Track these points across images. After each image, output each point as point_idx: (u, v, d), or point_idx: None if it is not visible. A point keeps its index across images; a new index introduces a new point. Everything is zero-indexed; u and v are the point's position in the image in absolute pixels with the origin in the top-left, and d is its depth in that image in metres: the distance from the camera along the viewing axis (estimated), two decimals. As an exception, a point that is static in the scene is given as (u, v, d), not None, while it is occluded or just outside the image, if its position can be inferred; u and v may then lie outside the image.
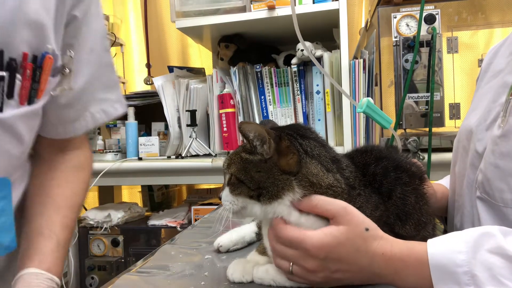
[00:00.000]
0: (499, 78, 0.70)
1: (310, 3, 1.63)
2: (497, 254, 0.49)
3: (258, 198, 0.57)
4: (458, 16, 1.49)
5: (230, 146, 1.77)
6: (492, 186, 0.62)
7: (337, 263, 0.55)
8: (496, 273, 0.48)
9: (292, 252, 0.56)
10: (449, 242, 0.53)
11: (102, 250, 1.85)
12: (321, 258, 0.54)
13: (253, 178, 0.57)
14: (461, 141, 0.78)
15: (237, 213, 0.59)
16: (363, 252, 0.54)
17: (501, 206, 0.61)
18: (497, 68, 0.74)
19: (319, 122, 1.71)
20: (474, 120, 0.72)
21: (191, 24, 1.75)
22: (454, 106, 1.47)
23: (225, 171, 0.62)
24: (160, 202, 2.39)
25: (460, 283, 0.49)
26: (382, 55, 1.52)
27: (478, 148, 0.68)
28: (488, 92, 0.72)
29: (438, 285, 0.51)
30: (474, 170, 0.69)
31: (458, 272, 0.49)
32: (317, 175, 0.57)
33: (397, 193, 0.61)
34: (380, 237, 0.55)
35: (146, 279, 0.68)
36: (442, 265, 0.51)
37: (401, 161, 0.65)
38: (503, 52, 0.76)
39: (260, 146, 0.58)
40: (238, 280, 0.64)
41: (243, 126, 0.58)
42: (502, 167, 0.60)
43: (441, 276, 0.50)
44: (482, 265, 0.49)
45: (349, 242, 0.54)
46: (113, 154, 1.92)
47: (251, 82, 1.77)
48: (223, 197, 0.60)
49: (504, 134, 0.61)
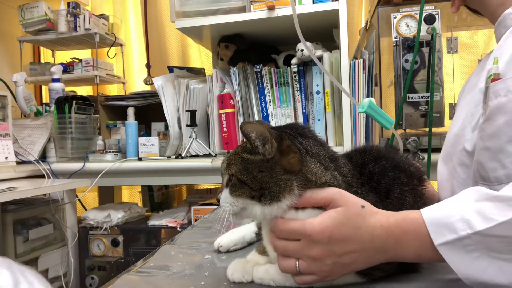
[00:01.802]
0: (475, 88, 0.74)
1: (310, 3, 1.63)
2: (485, 199, 0.52)
3: (260, 199, 0.57)
4: (458, 16, 1.49)
5: (230, 146, 1.77)
6: (486, 169, 0.65)
7: (341, 244, 0.55)
8: (487, 213, 0.51)
9: (295, 245, 0.57)
10: (440, 204, 0.56)
11: (102, 250, 1.85)
12: (325, 241, 0.55)
13: (256, 179, 0.57)
14: (446, 150, 0.82)
15: (237, 214, 0.59)
16: (363, 228, 0.56)
17: (496, 185, 0.63)
18: (472, 85, 0.80)
19: (319, 122, 1.71)
20: (457, 128, 0.77)
21: (191, 24, 1.75)
22: (454, 106, 1.47)
23: (223, 172, 0.62)
24: (160, 202, 2.39)
25: (456, 230, 0.51)
26: (382, 55, 1.52)
27: (468, 147, 0.71)
28: (466, 104, 0.77)
29: (437, 239, 0.53)
30: (465, 169, 0.72)
31: (453, 221, 0.52)
32: (316, 173, 0.57)
33: (395, 193, 0.61)
34: (375, 212, 0.57)
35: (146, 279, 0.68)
36: (436, 219, 0.53)
37: (399, 161, 0.65)
38: (475, 73, 0.83)
39: (262, 146, 0.57)
40: (238, 280, 0.64)
41: (245, 126, 0.58)
42: (491, 147, 0.63)
43: (438, 230, 0.53)
44: (474, 211, 0.52)
45: (349, 221, 0.55)
46: (113, 154, 1.92)
47: (251, 82, 1.77)
48: (222, 198, 0.60)
49: (488, 117, 0.64)
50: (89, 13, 2.21)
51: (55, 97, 2.01)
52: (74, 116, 1.92)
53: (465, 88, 0.87)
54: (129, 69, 2.65)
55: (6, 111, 1.84)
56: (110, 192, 2.48)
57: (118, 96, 2.31)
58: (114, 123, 2.20)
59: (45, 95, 2.62)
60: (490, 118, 0.64)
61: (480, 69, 0.79)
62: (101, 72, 2.24)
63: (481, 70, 0.76)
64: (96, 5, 2.66)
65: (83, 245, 1.87)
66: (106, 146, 2.06)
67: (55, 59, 2.49)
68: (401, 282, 0.60)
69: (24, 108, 2.09)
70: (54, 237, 1.82)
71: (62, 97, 1.96)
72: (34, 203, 1.77)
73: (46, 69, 2.27)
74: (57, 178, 1.84)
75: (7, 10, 2.32)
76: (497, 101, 0.63)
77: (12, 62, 2.33)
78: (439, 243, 0.52)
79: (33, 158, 1.86)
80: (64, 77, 2.20)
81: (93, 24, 2.18)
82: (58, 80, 2.12)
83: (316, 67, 1.69)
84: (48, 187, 1.61)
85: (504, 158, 0.61)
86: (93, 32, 2.16)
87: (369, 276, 0.60)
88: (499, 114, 0.62)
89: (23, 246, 1.67)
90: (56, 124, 1.93)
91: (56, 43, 2.33)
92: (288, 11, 1.63)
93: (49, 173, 1.81)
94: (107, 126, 2.22)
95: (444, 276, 0.61)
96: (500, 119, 0.62)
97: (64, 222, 1.82)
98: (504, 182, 0.61)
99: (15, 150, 1.85)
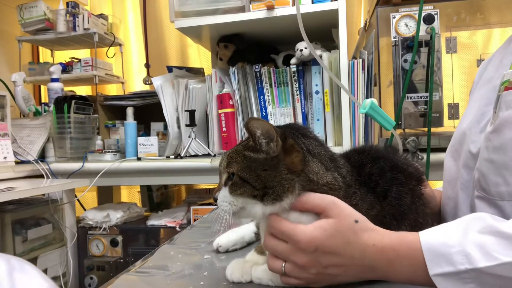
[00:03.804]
0: (490, 84, 0.71)
1: (309, 3, 1.63)
2: (488, 233, 0.50)
3: (262, 198, 0.56)
4: (457, 16, 1.49)
5: (229, 146, 1.77)
6: (487, 181, 0.63)
7: (328, 256, 0.55)
8: (489, 250, 0.48)
9: (283, 247, 0.56)
10: (441, 229, 0.54)
11: (101, 250, 1.85)
12: (311, 251, 0.54)
13: (259, 177, 0.56)
14: (454, 145, 0.79)
15: (235, 214, 0.58)
16: (354, 244, 0.54)
17: (497, 200, 0.61)
18: (488, 77, 0.76)
19: (318, 122, 1.71)
20: (466, 123, 0.73)
21: (190, 24, 1.75)
22: (453, 106, 1.47)
23: (222, 170, 0.60)
24: (159, 202, 2.39)
25: (454, 263, 0.49)
26: (381, 55, 1.52)
27: (472, 149, 0.68)
28: (480, 98, 0.74)
29: (433, 269, 0.51)
30: (468, 171, 0.70)
31: (451, 253, 0.50)
32: (317, 173, 0.57)
33: (392, 193, 0.61)
34: (370, 229, 0.56)
35: (145, 279, 0.68)
36: (435, 248, 0.51)
37: (398, 162, 0.65)
38: (493, 63, 0.78)
39: (266, 144, 0.57)
40: (237, 280, 0.64)
41: (251, 122, 0.56)
42: (496, 161, 0.61)
43: (435, 259, 0.51)
44: (474, 244, 0.49)
45: (339, 234, 0.54)
46: (112, 154, 1.92)
47: (250, 82, 1.77)
48: (220, 197, 0.59)
49: (496, 128, 0.62)
50: (88, 13, 2.21)
51: (54, 97, 2.01)
52: (73, 116, 1.92)
53: (482, 77, 0.80)
54: (128, 69, 2.65)
55: (5, 111, 1.84)
56: (109, 192, 2.48)
57: (117, 96, 2.31)
58: (113, 123, 2.20)
59: (44, 95, 2.62)
60: (498, 130, 0.61)
61: (499, 60, 0.74)
62: (100, 72, 2.24)
63: (499, 62, 0.73)
64: (95, 5, 2.65)
65: (82, 245, 1.86)
66: (105, 146, 2.06)
67: (54, 59, 2.48)
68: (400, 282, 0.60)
69: (23, 108, 2.09)
70: (53, 237, 1.82)
71: (61, 97, 1.96)
72: (33, 203, 1.77)
73: (45, 68, 2.27)
74: (56, 178, 1.84)
75: (6, 10, 2.31)
76: (507, 113, 0.60)
77: (11, 62, 2.33)
78: (435, 273, 0.50)
79: (32, 158, 1.86)
80: (63, 77, 2.20)
81: (92, 23, 2.18)
82: (57, 80, 2.12)
83: (316, 67, 1.70)
84: (47, 187, 1.61)
85: (508, 175, 0.59)
86: (92, 32, 2.16)
87: None
88: (508, 127, 0.60)
89: (22, 246, 1.67)
90: (55, 124, 1.93)
91: (55, 43, 2.33)
92: (287, 11, 1.63)
93: (48, 173, 1.81)
94: (106, 126, 2.22)
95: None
96: (508, 133, 0.60)
97: (63, 222, 1.82)
98: (506, 199, 0.60)
99: (14, 150, 1.85)
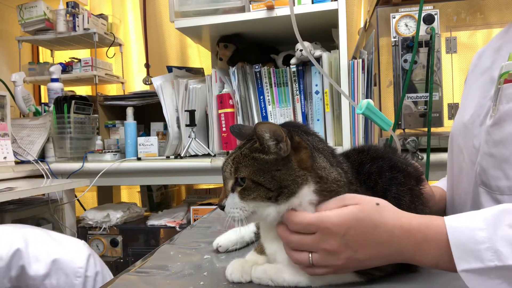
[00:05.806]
0: (487, 75, 0.70)
1: (309, 3, 1.63)
2: None
3: (276, 199, 0.56)
4: (456, 16, 1.49)
5: (229, 146, 1.77)
6: (488, 175, 0.63)
7: (359, 238, 0.54)
8: None
9: (310, 238, 0.55)
10: (467, 219, 0.52)
11: (101, 250, 1.85)
12: (342, 234, 0.53)
13: (274, 178, 0.55)
14: (455, 139, 0.78)
15: (247, 219, 0.57)
16: (381, 227, 0.54)
17: (497, 194, 0.61)
18: (484, 67, 0.75)
19: (318, 122, 1.71)
20: (467, 117, 0.73)
21: (190, 24, 1.75)
22: (453, 106, 1.47)
23: (229, 176, 0.59)
24: (159, 202, 2.39)
25: (483, 260, 0.48)
26: (381, 55, 1.52)
27: (476, 143, 0.68)
28: (478, 90, 0.73)
29: (460, 264, 0.49)
30: (473, 166, 0.69)
31: (480, 249, 0.48)
32: (325, 168, 0.58)
33: (392, 193, 0.61)
34: (392, 208, 0.56)
35: (145, 279, 0.68)
36: (462, 243, 0.50)
37: (397, 161, 0.65)
38: (487, 53, 0.76)
39: (275, 145, 0.56)
40: (237, 280, 0.63)
41: (260, 127, 0.56)
42: (496, 155, 0.61)
43: (463, 255, 0.49)
44: (504, 240, 0.47)
45: (367, 217, 0.54)
46: (112, 154, 1.92)
47: (250, 82, 1.77)
48: (229, 204, 0.58)
49: (496, 122, 0.61)
50: (88, 13, 2.21)
51: (54, 97, 2.01)
52: (73, 116, 1.92)
53: (477, 67, 0.79)
54: (128, 69, 2.65)
55: (4, 111, 1.84)
56: (109, 192, 2.48)
57: (117, 96, 2.31)
58: (113, 123, 2.20)
59: (44, 95, 2.62)
60: (498, 124, 0.61)
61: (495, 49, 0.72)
62: (100, 72, 2.24)
63: (496, 52, 0.71)
64: (95, 5, 2.65)
65: (82, 245, 1.86)
66: (105, 146, 2.06)
67: (54, 59, 2.48)
68: (400, 282, 0.60)
69: (23, 108, 2.09)
70: (53, 237, 1.82)
71: (61, 97, 1.96)
72: (33, 203, 1.77)
73: (45, 68, 2.27)
74: (56, 178, 1.84)
75: (6, 10, 2.31)
76: (508, 106, 0.59)
77: (11, 62, 2.33)
78: (462, 269, 0.49)
79: (32, 158, 1.86)
80: (63, 77, 2.20)
81: (92, 24, 2.18)
82: (57, 80, 2.12)
83: (316, 67, 1.69)
84: (47, 187, 1.61)
85: (508, 169, 0.59)
86: (92, 32, 2.16)
87: (367, 276, 0.60)
88: (509, 121, 0.59)
89: (22, 246, 1.67)
90: (55, 124, 1.93)
91: (55, 43, 2.33)
92: (287, 11, 1.63)
93: (48, 173, 1.81)
94: (106, 126, 2.22)
95: (443, 277, 0.61)
96: (509, 127, 0.59)
97: (63, 222, 1.82)
98: (506, 194, 0.60)
99: (14, 150, 1.85)
